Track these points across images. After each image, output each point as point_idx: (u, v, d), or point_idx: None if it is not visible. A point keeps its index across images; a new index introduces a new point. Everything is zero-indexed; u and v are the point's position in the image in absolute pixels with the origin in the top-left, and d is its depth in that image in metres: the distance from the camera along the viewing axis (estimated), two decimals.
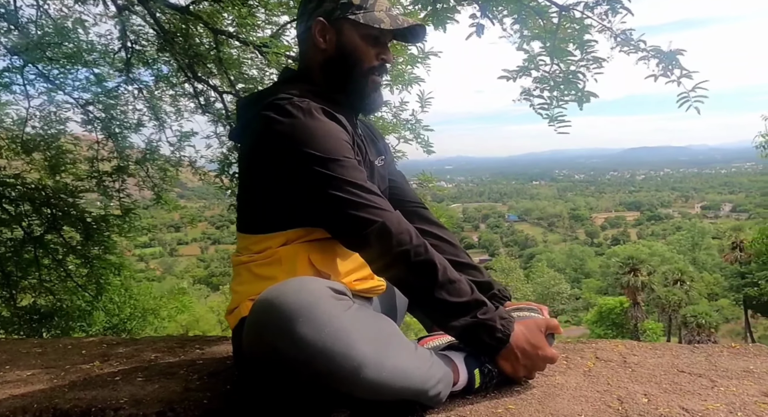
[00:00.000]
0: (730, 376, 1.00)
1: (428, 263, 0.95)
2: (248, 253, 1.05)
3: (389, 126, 2.89)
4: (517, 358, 0.98)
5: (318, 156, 0.94)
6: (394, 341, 0.85)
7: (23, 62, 3.86)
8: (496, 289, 1.21)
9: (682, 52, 2.06)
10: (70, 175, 4.17)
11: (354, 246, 0.98)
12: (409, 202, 1.28)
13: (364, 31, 1.08)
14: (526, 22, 2.21)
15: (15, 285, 4.39)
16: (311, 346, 0.74)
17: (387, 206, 0.97)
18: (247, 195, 1.08)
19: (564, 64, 2.23)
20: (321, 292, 0.79)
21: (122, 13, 3.14)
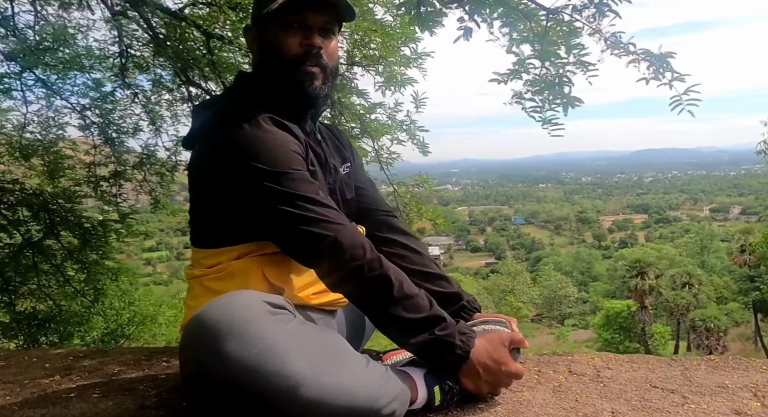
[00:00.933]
0: (704, 392, 0.96)
1: (383, 278, 0.92)
2: (201, 268, 1.02)
3: (382, 128, 2.87)
4: (479, 375, 0.94)
5: (265, 170, 0.91)
6: (338, 357, 0.82)
7: (21, 68, 3.89)
8: (465, 301, 1.17)
9: (673, 55, 2.03)
10: (69, 180, 4.18)
11: (306, 262, 0.95)
12: (378, 211, 1.24)
13: (278, 22, 1.02)
14: (515, 25, 2.18)
15: (14, 290, 4.40)
16: (240, 364, 0.71)
17: (340, 219, 0.94)
18: (198, 208, 1.05)
19: (554, 68, 2.20)
20: (254, 307, 0.77)
21: (116, 18, 3.15)
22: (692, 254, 47.08)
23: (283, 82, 1.03)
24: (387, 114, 3.09)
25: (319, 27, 1.03)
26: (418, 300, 0.94)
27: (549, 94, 2.15)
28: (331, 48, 1.07)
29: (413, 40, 2.80)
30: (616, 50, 2.12)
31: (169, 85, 3.81)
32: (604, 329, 26.33)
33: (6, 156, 4.27)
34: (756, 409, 0.89)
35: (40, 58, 3.74)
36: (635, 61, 2.08)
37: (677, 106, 2.03)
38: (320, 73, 1.04)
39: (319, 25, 1.03)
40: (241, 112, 0.97)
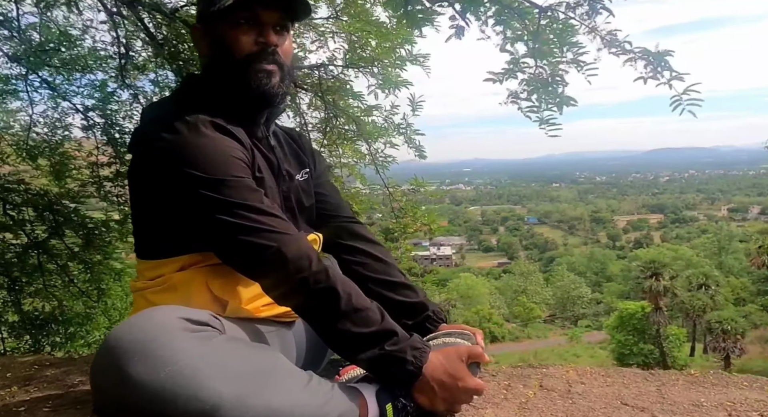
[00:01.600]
0: (675, 411, 0.91)
1: (329, 291, 0.87)
2: (143, 280, 0.98)
3: (376, 131, 2.83)
4: (434, 391, 0.89)
5: (203, 177, 0.86)
6: (270, 376, 0.77)
7: (26, 69, 3.93)
8: (431, 311, 1.12)
9: (671, 54, 1.97)
10: (74, 180, 4.22)
11: (248, 274, 0.91)
12: (340, 217, 1.20)
13: (229, 19, 0.96)
14: (508, 24, 2.13)
15: (21, 290, 4.45)
16: (145, 387, 0.66)
17: (285, 229, 0.89)
18: (138, 217, 1.01)
19: (549, 67, 2.16)
20: (168, 325, 0.72)
21: (113, 18, 3.16)
22: (709, 255, 46.32)
23: (236, 82, 0.97)
24: (383, 116, 3.06)
25: (273, 24, 0.98)
26: (369, 313, 0.89)
27: (543, 93, 2.10)
28: (287, 46, 1.02)
29: (409, 42, 2.76)
30: (613, 49, 2.07)
31: (171, 85, 3.82)
32: (618, 331, 25.98)
33: (13, 156, 4.33)
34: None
35: (45, 60, 3.78)
36: (632, 59, 2.03)
37: (677, 106, 1.97)
38: (277, 72, 0.99)
39: (273, 22, 0.98)
40: (179, 116, 0.92)
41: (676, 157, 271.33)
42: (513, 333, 36.40)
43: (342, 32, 2.89)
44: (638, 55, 1.98)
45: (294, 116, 3.40)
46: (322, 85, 2.83)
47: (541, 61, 2.08)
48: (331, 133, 2.97)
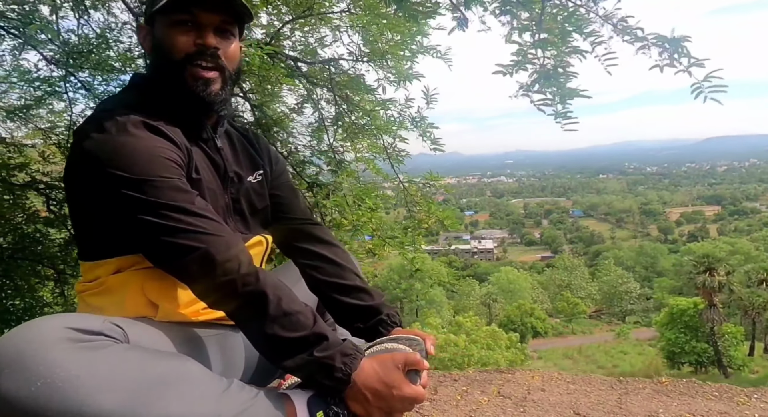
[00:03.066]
0: None
1: (258, 294, 0.85)
2: (84, 281, 0.98)
3: (386, 125, 2.81)
4: (367, 399, 0.86)
5: (126, 177, 0.84)
6: (172, 387, 0.73)
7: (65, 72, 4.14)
8: (385, 314, 1.09)
9: (689, 39, 1.84)
10: None
11: (176, 275, 0.89)
12: (296, 219, 1.18)
13: (169, 19, 0.95)
14: (513, 13, 2.06)
15: (66, 281, 4.73)
16: (16, 402, 0.62)
17: (215, 230, 0.87)
18: (74, 217, 0.99)
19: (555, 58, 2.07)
20: (50, 336, 0.68)
21: (138, 20, 3.28)
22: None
23: (174, 84, 0.96)
24: (398, 110, 3.03)
25: (213, 26, 0.96)
26: (299, 317, 0.86)
27: (546, 85, 2.01)
28: (231, 50, 1.00)
29: (422, 33, 2.72)
30: (626, 36, 1.96)
31: None
32: (668, 328, 24.86)
33: (57, 155, 4.58)
34: None
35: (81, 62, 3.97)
36: (645, 46, 1.91)
37: (699, 94, 1.85)
38: (218, 78, 0.97)
39: (214, 24, 0.96)
40: (111, 115, 0.90)
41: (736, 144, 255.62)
42: (556, 328, 35.55)
43: (355, 26, 2.88)
44: (652, 42, 1.86)
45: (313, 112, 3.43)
46: (334, 80, 2.83)
47: (547, 52, 1.99)
48: (344, 127, 2.96)
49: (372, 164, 3.30)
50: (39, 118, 5.00)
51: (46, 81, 4.40)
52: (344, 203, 2.95)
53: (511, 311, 32.75)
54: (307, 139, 3.41)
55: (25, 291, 4.56)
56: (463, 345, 16.99)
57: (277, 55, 2.70)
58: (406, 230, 3.02)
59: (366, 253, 3.27)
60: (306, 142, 3.42)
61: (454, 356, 15.83)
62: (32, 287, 4.64)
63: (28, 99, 4.68)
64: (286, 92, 3.48)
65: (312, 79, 3.03)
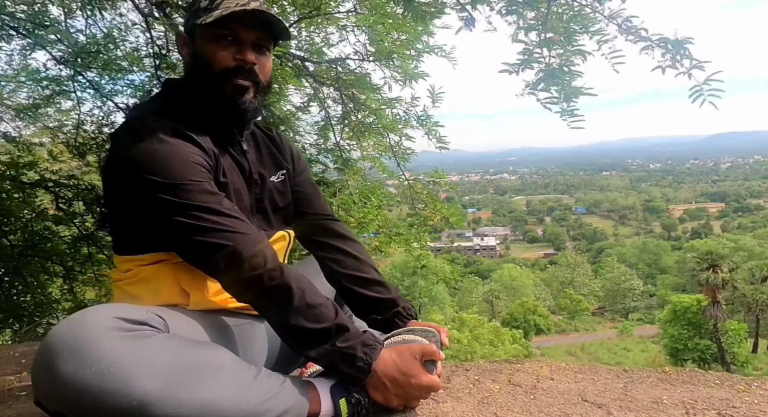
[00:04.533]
0: (632, 408, 0.89)
1: (283, 287, 0.90)
2: (119, 272, 1.04)
3: (391, 124, 2.84)
4: (386, 388, 0.92)
5: (159, 182, 0.90)
6: (206, 373, 0.79)
7: (73, 71, 4.19)
8: (401, 307, 1.14)
9: (691, 41, 1.87)
10: None
11: (207, 271, 0.95)
12: (316, 215, 1.23)
13: (211, 33, 1.00)
14: (519, 13, 2.09)
15: (74, 278, 4.79)
16: (74, 383, 0.70)
17: (242, 229, 0.92)
18: (110, 215, 1.05)
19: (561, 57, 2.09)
20: (99, 324, 0.75)
21: (147, 20, 3.31)
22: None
23: (211, 94, 1.02)
24: (404, 109, 3.06)
25: (252, 43, 1.02)
26: (322, 309, 0.92)
27: (549, 84, 2.04)
28: (267, 66, 1.06)
29: (427, 33, 2.75)
30: (630, 36, 1.99)
31: None
32: (671, 325, 24.86)
33: (66, 153, 4.63)
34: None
35: (89, 62, 4.01)
36: (648, 47, 1.93)
37: (698, 96, 1.87)
38: (252, 88, 1.03)
39: (252, 40, 1.02)
40: (145, 122, 0.97)
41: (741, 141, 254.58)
42: (559, 325, 35.57)
43: (361, 26, 2.91)
44: (655, 43, 1.88)
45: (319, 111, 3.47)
46: (341, 79, 2.87)
47: (553, 51, 2.02)
48: (351, 126, 3.00)
49: (378, 162, 3.34)
50: (47, 117, 5.05)
51: (55, 80, 4.45)
52: (350, 201, 2.99)
53: (514, 308, 32.79)
54: (313, 137, 3.45)
55: (35, 287, 4.62)
56: (467, 342, 17.06)
57: (284, 55, 2.73)
58: (411, 227, 3.05)
59: (371, 251, 3.31)
60: (312, 140, 3.46)
61: (458, 353, 15.89)
62: (41, 284, 4.70)
63: (36, 98, 4.74)
64: (292, 91, 3.52)
65: (319, 78, 3.07)
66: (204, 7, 1.00)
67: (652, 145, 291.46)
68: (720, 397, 0.91)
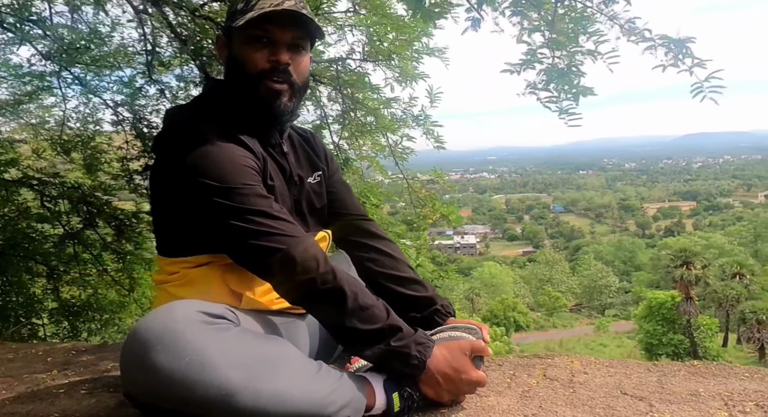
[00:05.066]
0: (672, 400, 0.93)
1: (337, 291, 0.92)
2: (164, 274, 1.05)
3: (391, 124, 2.86)
4: (438, 383, 0.95)
5: (215, 186, 0.91)
6: (280, 365, 0.83)
7: (59, 67, 4.08)
8: (439, 305, 1.16)
9: (693, 40, 1.92)
10: (105, 173, 4.38)
11: (259, 274, 0.96)
12: (350, 215, 1.24)
13: (245, 35, 1.01)
14: (525, 14, 2.12)
15: (59, 278, 4.67)
16: (168, 374, 0.73)
17: (293, 232, 0.94)
18: (158, 217, 1.06)
19: (568, 57, 2.14)
20: (187, 318, 0.78)
21: (139, 16, 3.25)
22: (745, 243, 44.88)
23: (247, 97, 1.02)
24: (402, 109, 3.08)
25: (286, 43, 1.02)
26: (375, 310, 0.94)
27: (560, 83, 2.08)
28: (302, 65, 1.06)
29: (426, 34, 2.77)
30: (633, 37, 2.04)
31: (196, 81, 3.91)
32: (647, 320, 25.47)
33: (49, 150, 4.51)
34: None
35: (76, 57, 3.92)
36: (652, 47, 1.99)
37: (698, 93, 1.94)
38: (287, 90, 1.03)
39: (287, 41, 1.02)
40: (196, 125, 0.97)
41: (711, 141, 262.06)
42: (538, 322, 36.10)
43: (360, 26, 2.92)
44: (658, 43, 1.94)
45: (315, 109, 3.46)
46: (340, 78, 2.87)
47: (558, 52, 2.07)
48: (350, 126, 3.01)
49: (374, 161, 3.35)
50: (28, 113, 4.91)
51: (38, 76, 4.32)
52: None
53: (494, 306, 33.16)
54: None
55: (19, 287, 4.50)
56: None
57: None
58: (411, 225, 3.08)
59: None
60: None
61: None
62: (23, 283, 4.58)
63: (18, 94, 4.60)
64: None
65: (317, 77, 3.06)
66: (240, 10, 1.01)
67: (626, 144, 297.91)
68: (754, 389, 0.95)
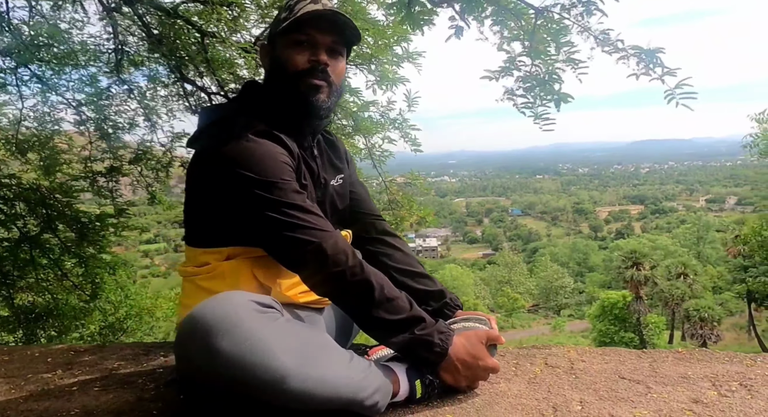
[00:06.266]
0: (666, 383, 1.03)
1: (365, 283, 0.97)
2: (192, 265, 1.08)
3: (374, 126, 2.91)
4: (457, 370, 1.01)
5: (255, 178, 0.96)
6: (322, 352, 0.88)
7: (16, 63, 3.90)
8: (448, 298, 1.23)
9: (662, 50, 2.06)
10: (65, 175, 4.21)
11: (291, 266, 1.00)
12: (367, 214, 1.31)
13: (287, 39, 1.08)
14: (505, 24, 2.22)
15: (13, 284, 4.44)
16: (231, 358, 0.77)
17: (325, 226, 0.99)
18: (191, 208, 1.09)
19: (544, 65, 2.25)
20: (243, 305, 0.82)
21: (110, 14, 3.16)
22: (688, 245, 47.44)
23: (288, 93, 1.08)
24: (380, 112, 3.13)
25: (326, 46, 1.09)
26: (399, 302, 0.99)
27: (540, 90, 2.19)
28: (339, 68, 1.13)
29: (405, 40, 2.83)
30: (606, 47, 2.16)
31: (165, 81, 3.83)
32: (600, 320, 26.54)
33: (2, 150, 4.29)
34: (712, 398, 0.96)
35: (35, 54, 3.75)
36: (624, 57, 2.12)
37: (671, 100, 2.07)
38: (326, 87, 1.09)
39: (327, 44, 1.09)
40: (238, 121, 1.02)
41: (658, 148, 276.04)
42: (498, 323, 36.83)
43: None
44: (630, 53, 2.07)
45: None
46: None
47: (537, 60, 2.17)
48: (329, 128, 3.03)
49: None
50: None
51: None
52: None
53: None
54: None
55: None
56: None
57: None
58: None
59: None
60: None
61: None
62: None
63: None
64: None
65: None
66: (284, 18, 1.07)
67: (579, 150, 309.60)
68: (735, 370, 1.06)
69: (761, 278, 15.37)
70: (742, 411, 0.90)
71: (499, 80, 2.37)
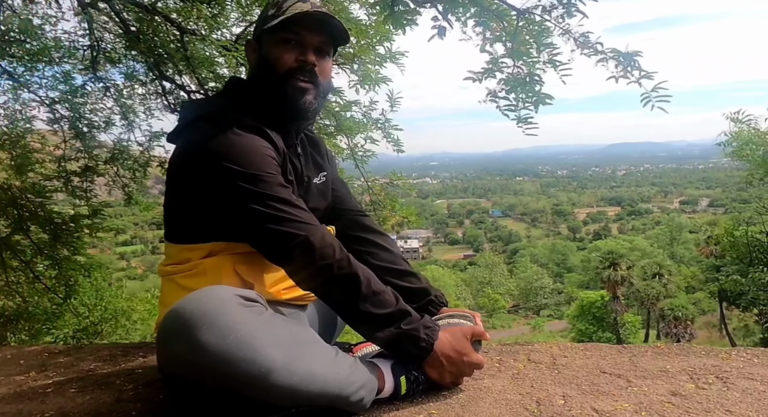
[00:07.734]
0: (646, 376, 1.05)
1: (351, 276, 0.96)
2: (172, 262, 1.05)
3: (356, 126, 2.90)
4: (442, 365, 1.01)
5: (240, 171, 0.94)
6: (308, 348, 0.87)
7: None
8: (433, 295, 1.23)
9: (640, 54, 2.10)
10: (37, 174, 4.09)
11: (277, 260, 0.99)
12: (350, 211, 1.30)
13: (275, 37, 1.07)
14: (487, 25, 2.23)
15: None
16: (215, 352, 0.76)
17: (311, 220, 0.98)
18: (172, 203, 1.07)
19: (526, 67, 2.27)
20: (227, 299, 0.81)
21: (86, 10, 3.09)
22: (663, 245, 48.58)
23: (275, 93, 1.07)
24: (362, 112, 3.12)
25: (314, 46, 1.08)
26: (385, 296, 0.99)
27: (521, 92, 2.21)
28: (326, 68, 1.12)
29: (387, 39, 2.83)
30: (586, 49, 2.20)
31: (143, 79, 3.76)
32: (579, 320, 26.97)
33: None
34: (690, 390, 0.98)
35: (6, 50, 3.64)
36: (603, 60, 2.16)
37: (647, 102, 2.12)
38: (312, 89, 1.08)
39: (315, 44, 1.08)
40: (223, 115, 1.01)
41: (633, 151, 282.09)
42: None
43: None
44: (609, 56, 2.11)
45: None
46: None
47: (518, 61, 2.19)
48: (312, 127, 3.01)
49: None
50: None
51: None
52: None
53: None
54: None
55: None
56: None
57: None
58: None
59: None
60: None
61: None
62: None
63: None
64: None
65: None
66: (271, 15, 1.06)
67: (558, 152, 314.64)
68: (712, 364, 1.09)
69: (733, 277, 15.78)
70: (719, 402, 0.92)
71: (482, 81, 2.39)
